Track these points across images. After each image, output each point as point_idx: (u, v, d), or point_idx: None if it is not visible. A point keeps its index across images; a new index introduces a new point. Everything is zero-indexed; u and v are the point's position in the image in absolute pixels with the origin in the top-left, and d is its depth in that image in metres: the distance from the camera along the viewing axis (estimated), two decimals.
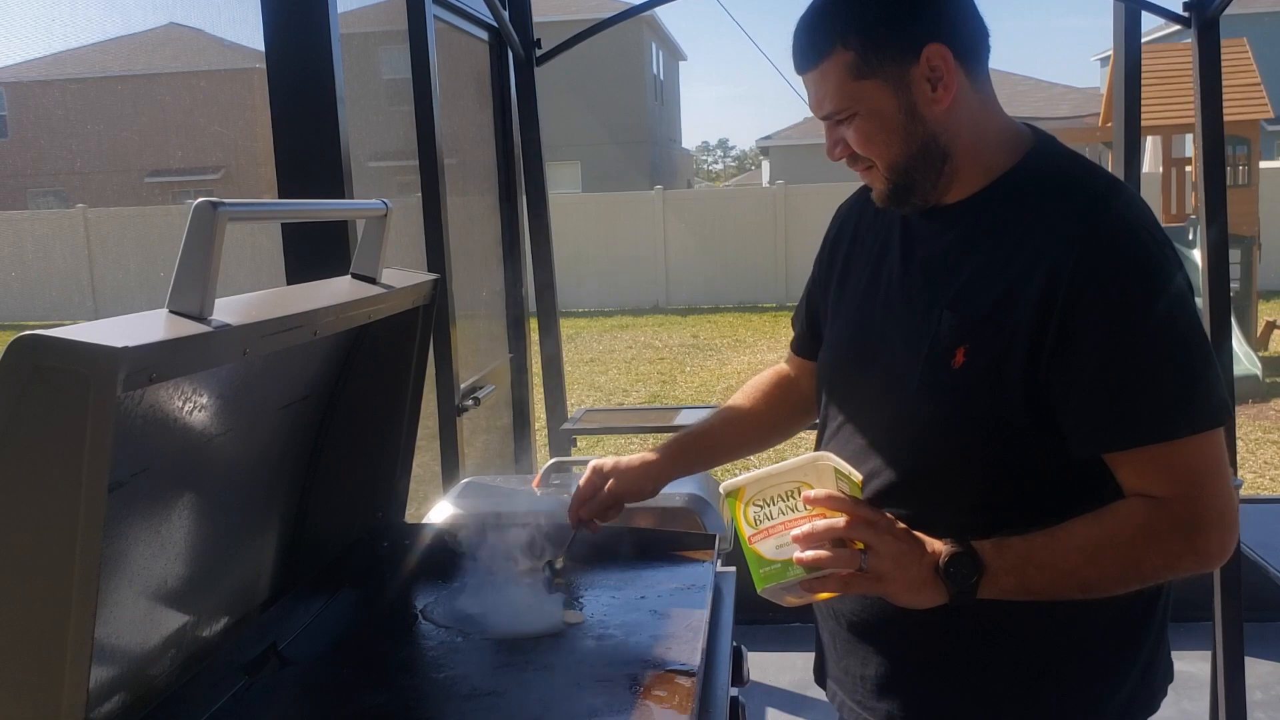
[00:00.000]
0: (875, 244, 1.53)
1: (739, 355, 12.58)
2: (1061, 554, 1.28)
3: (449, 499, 2.39)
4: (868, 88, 1.34)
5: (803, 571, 1.26)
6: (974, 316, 1.33)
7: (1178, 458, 1.28)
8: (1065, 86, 27.67)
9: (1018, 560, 1.28)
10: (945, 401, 1.35)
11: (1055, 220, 1.32)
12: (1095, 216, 1.31)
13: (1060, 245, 1.29)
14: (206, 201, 1.14)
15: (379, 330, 1.67)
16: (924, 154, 1.37)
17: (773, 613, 1.48)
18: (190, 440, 1.30)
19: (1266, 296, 13.65)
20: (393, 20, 3.09)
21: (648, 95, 28.55)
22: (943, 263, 1.41)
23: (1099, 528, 1.29)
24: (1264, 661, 3.58)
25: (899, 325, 1.43)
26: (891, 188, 1.40)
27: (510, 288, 3.96)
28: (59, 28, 26.51)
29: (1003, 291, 1.32)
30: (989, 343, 1.31)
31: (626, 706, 1.37)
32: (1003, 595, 1.28)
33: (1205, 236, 3.29)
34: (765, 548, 1.29)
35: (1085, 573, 1.29)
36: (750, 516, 1.30)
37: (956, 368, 1.33)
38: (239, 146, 22.89)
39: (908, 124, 1.35)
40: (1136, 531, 1.28)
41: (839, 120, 1.38)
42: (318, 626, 1.66)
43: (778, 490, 1.29)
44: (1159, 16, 3.48)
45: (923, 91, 1.34)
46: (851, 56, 1.33)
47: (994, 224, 1.37)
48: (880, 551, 1.26)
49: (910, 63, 1.33)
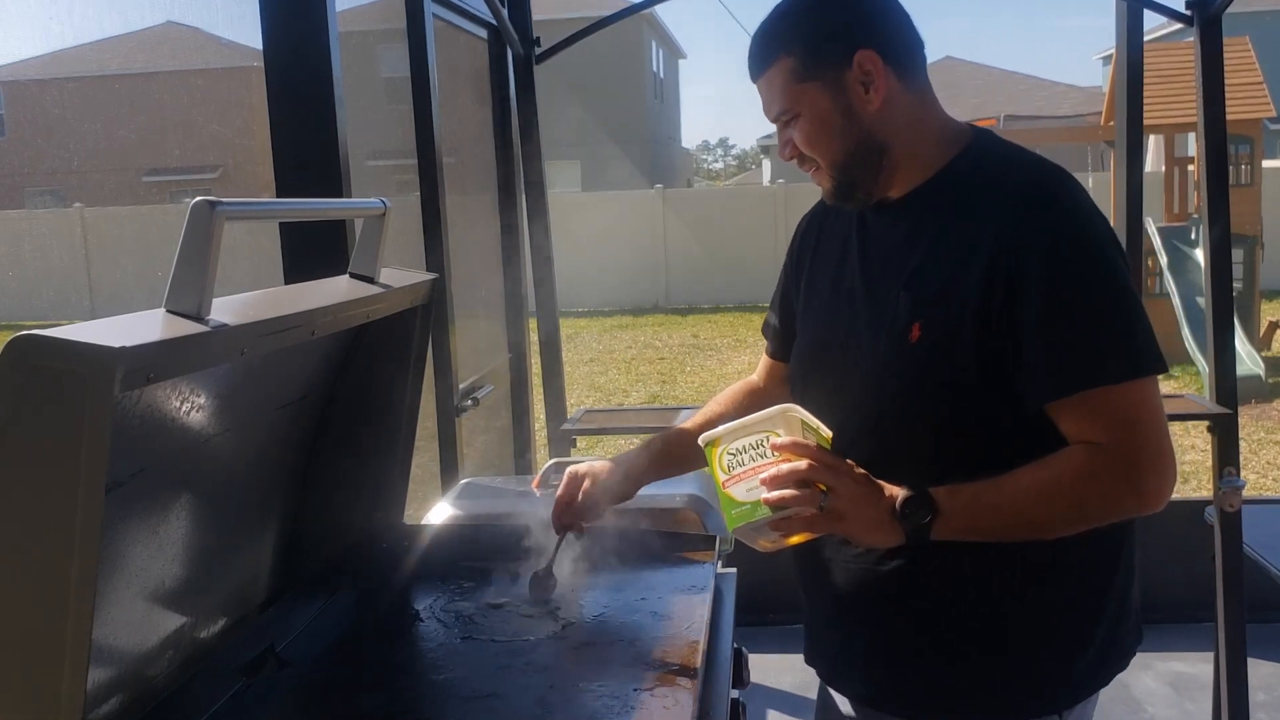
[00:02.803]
0: (837, 245, 1.67)
1: (739, 355, 12.58)
2: (1009, 496, 1.41)
3: (448, 499, 2.38)
4: (808, 90, 1.51)
5: (769, 511, 1.37)
6: (926, 295, 1.47)
7: (1116, 403, 1.40)
8: (1067, 85, 27.73)
9: (968, 501, 1.40)
10: (906, 372, 1.48)
11: (998, 200, 1.46)
12: (1034, 193, 1.46)
13: (1002, 221, 1.43)
14: (204, 201, 1.14)
15: (378, 330, 1.67)
16: (862, 151, 1.52)
17: (774, 614, 1.49)
18: (188, 440, 1.30)
19: (1269, 296, 13.67)
20: (391, 18, 3.08)
21: (648, 94, 28.56)
22: (897, 251, 1.55)
23: (1044, 472, 1.41)
24: (1266, 662, 3.58)
25: (863, 311, 1.56)
26: (836, 185, 1.56)
27: (510, 287, 3.95)
28: (57, 26, 26.53)
29: (952, 270, 1.46)
30: (941, 317, 1.45)
31: (627, 709, 1.37)
32: (955, 536, 1.41)
33: (1208, 236, 3.29)
34: (737, 491, 1.41)
35: (1032, 514, 1.41)
36: (725, 464, 1.42)
37: (913, 342, 1.47)
38: (237, 145, 22.90)
39: (845, 124, 1.51)
40: (1079, 474, 1.40)
41: (786, 121, 1.55)
42: (316, 627, 1.65)
43: (750, 439, 1.41)
44: (1161, 15, 3.48)
45: (857, 94, 1.50)
46: (793, 62, 1.51)
47: (940, 211, 1.52)
48: (840, 493, 1.37)
49: (844, 67, 1.49)
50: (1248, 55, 11.72)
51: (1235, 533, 3.06)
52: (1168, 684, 3.45)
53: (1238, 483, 3.07)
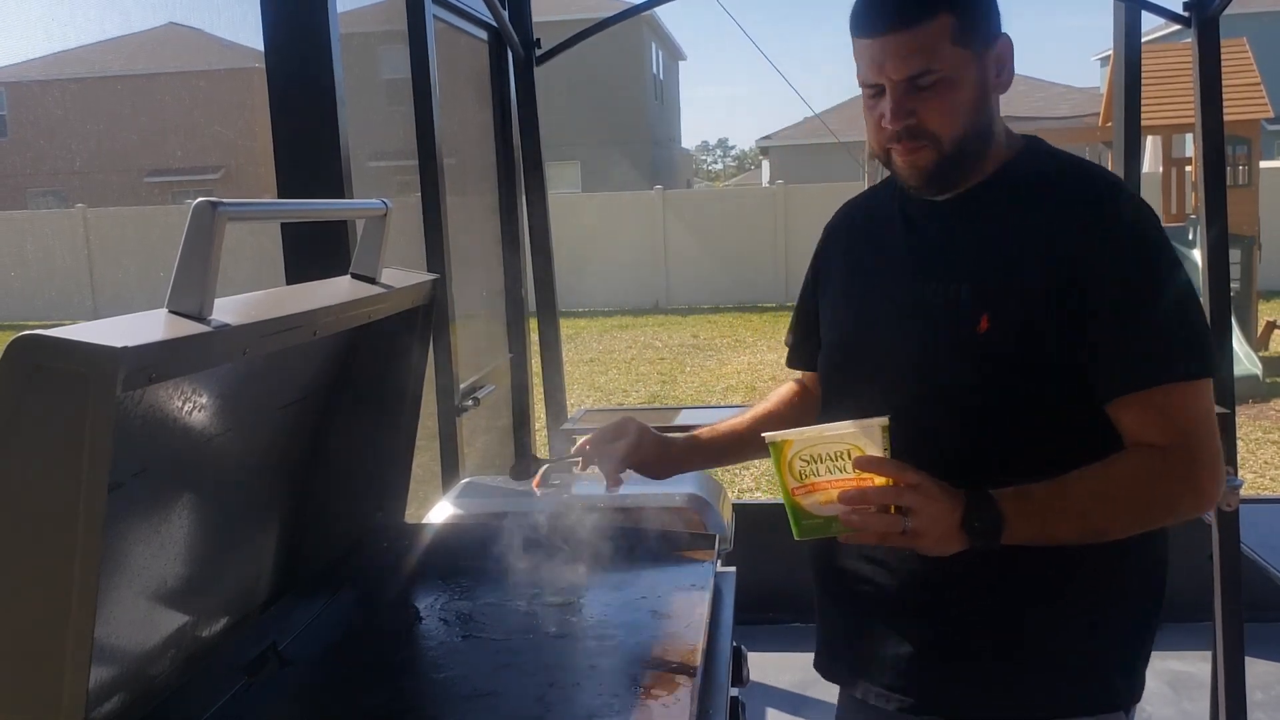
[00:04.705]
0: (870, 244, 1.64)
1: (739, 355, 12.57)
2: (1075, 500, 1.39)
3: (449, 499, 2.39)
4: (962, 56, 1.43)
5: (844, 529, 1.36)
6: (994, 287, 1.45)
7: (1181, 401, 1.41)
8: (1065, 86, 27.64)
9: (1035, 508, 1.37)
10: (974, 362, 1.45)
11: (1063, 197, 1.47)
12: (1100, 192, 1.48)
13: (1070, 217, 1.44)
14: (206, 201, 1.14)
15: (379, 330, 1.67)
16: (978, 134, 1.48)
17: (773, 613, 1.49)
18: (190, 440, 1.30)
19: (1267, 296, 13.64)
20: (392, 20, 3.09)
21: (648, 95, 28.54)
22: (953, 244, 1.52)
23: (1107, 473, 1.40)
24: (1264, 661, 3.58)
25: (911, 305, 1.52)
26: (939, 165, 1.47)
27: (510, 288, 3.96)
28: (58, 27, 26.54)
29: (1018, 262, 1.44)
30: (1012, 308, 1.43)
31: (626, 707, 1.37)
32: (1021, 542, 1.37)
33: (1205, 236, 3.29)
34: (808, 502, 1.37)
35: (1097, 517, 1.40)
36: (796, 470, 1.37)
37: (982, 332, 1.44)
38: (238, 146, 22.89)
39: (978, 102, 1.46)
40: (1143, 475, 1.40)
41: (920, 85, 1.43)
42: (318, 627, 1.66)
43: (828, 449, 1.36)
44: (1159, 16, 3.48)
45: (992, 75, 1.47)
46: (955, 23, 1.42)
47: (1001, 206, 1.50)
48: (921, 513, 1.33)
49: (991, 45, 1.47)
50: (1245, 56, 11.71)
51: (1233, 532, 3.06)
52: (1165, 683, 3.45)
53: (1235, 482, 3.07)
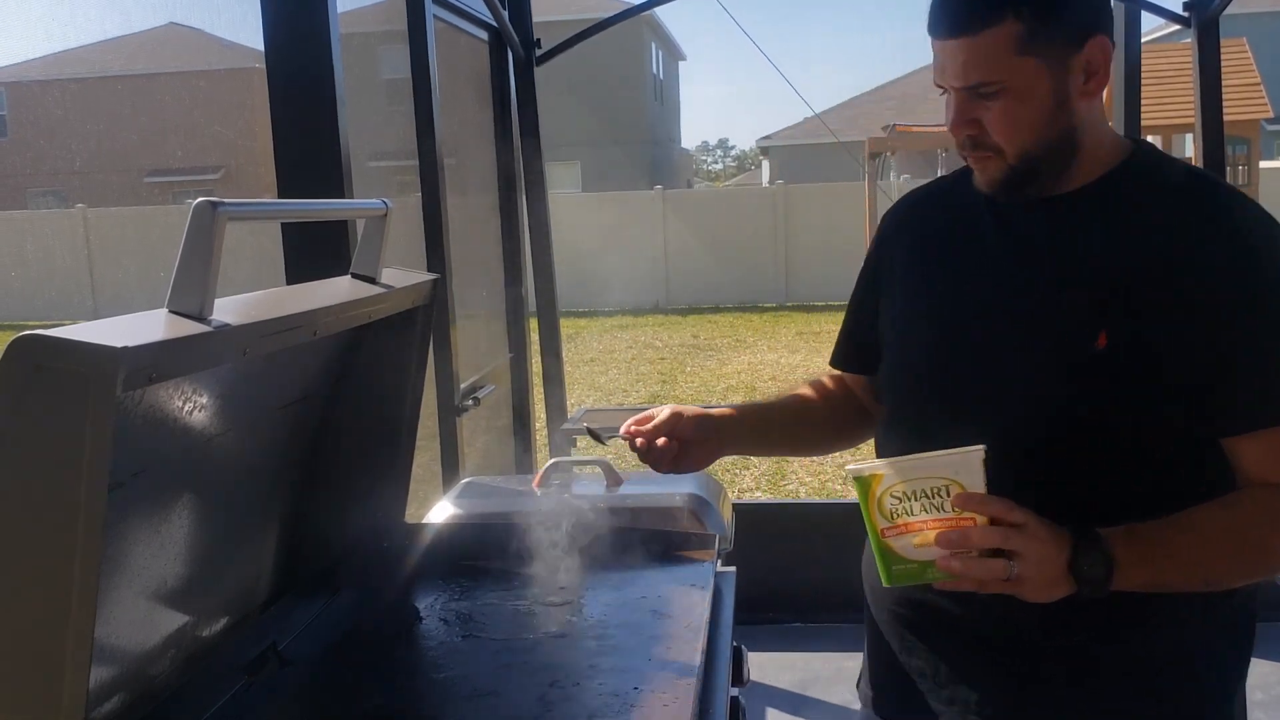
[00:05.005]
0: (951, 240, 1.49)
1: (739, 355, 12.57)
2: (1190, 544, 1.27)
3: (449, 499, 2.39)
4: (1027, 65, 1.29)
5: (941, 575, 1.21)
6: (1112, 301, 1.31)
7: None
8: None
9: (1147, 552, 1.25)
10: (1091, 382, 1.31)
11: (1183, 209, 1.33)
12: (1234, 212, 1.33)
13: (1196, 235, 1.31)
14: (206, 201, 1.14)
15: (379, 330, 1.67)
16: (1060, 144, 1.34)
17: (773, 613, 1.48)
18: (190, 440, 1.30)
19: None
20: (392, 20, 3.09)
21: (648, 95, 28.54)
22: (1061, 251, 1.38)
23: (1227, 515, 1.28)
24: (1264, 661, 3.57)
25: (1011, 314, 1.39)
26: (1010, 175, 1.35)
27: (510, 287, 3.96)
28: (58, 27, 26.54)
29: (1136, 275, 1.31)
30: (1131, 325, 1.30)
31: (626, 707, 1.37)
32: (1132, 588, 1.25)
33: None
34: (900, 544, 1.22)
35: (1215, 563, 1.29)
36: (886, 509, 1.22)
37: (1101, 349, 1.30)
38: (239, 146, 22.90)
39: (1054, 112, 1.31)
40: (1264, 518, 1.28)
41: (983, 94, 1.31)
42: (318, 626, 1.66)
43: (922, 485, 1.21)
44: (1159, 16, 3.49)
45: (1077, 82, 1.31)
46: (1021, 29, 1.27)
47: (1115, 212, 1.36)
48: (1027, 558, 1.20)
49: (1074, 49, 1.30)
50: (1245, 56, 11.72)
51: None
52: None
53: None
